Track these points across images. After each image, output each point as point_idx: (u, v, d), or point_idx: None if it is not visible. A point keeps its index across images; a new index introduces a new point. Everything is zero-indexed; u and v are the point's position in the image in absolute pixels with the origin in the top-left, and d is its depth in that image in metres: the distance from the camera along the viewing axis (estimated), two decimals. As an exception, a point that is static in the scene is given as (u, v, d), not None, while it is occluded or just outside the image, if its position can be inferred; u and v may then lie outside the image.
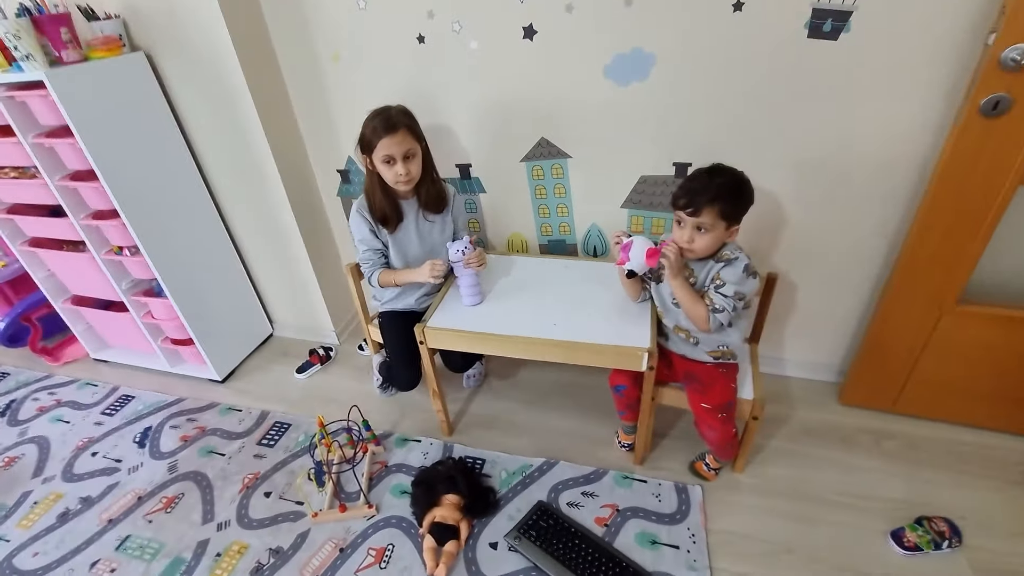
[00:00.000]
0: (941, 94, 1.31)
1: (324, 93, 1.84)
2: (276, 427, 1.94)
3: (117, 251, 1.90)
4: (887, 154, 1.42)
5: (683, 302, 1.34)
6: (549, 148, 1.71)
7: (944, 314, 1.50)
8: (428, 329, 1.53)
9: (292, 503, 1.64)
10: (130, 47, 1.74)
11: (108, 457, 1.88)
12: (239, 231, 2.14)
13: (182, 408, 2.07)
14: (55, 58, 1.58)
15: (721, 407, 1.40)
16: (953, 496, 1.50)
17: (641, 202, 1.72)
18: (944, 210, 1.36)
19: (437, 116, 1.74)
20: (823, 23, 1.29)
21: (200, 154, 1.95)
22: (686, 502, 1.54)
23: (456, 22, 1.56)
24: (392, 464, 1.74)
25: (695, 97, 1.49)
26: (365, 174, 1.59)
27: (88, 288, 2.11)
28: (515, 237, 1.97)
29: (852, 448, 1.67)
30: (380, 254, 1.67)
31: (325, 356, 2.23)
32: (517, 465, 1.69)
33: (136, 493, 1.73)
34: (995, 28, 1.13)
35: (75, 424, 2.05)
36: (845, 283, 1.69)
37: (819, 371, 1.91)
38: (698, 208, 1.23)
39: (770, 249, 1.69)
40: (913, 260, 1.46)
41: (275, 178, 1.90)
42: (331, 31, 1.70)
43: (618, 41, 1.46)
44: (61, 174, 1.75)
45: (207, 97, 1.79)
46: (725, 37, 1.37)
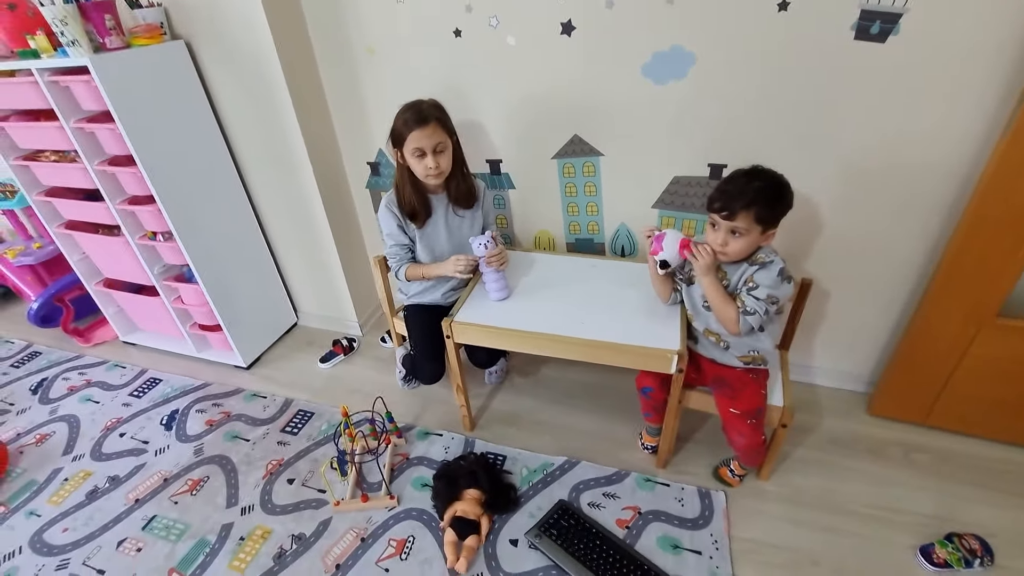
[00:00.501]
0: (991, 100, 1.27)
1: (358, 85, 1.85)
2: (300, 415, 1.96)
3: (151, 236, 1.93)
4: (931, 161, 1.39)
5: (713, 302, 1.32)
6: (582, 146, 1.70)
7: (983, 327, 1.46)
8: (455, 323, 1.53)
9: (315, 491, 1.65)
10: (171, 35, 1.76)
11: (135, 438, 1.92)
12: (269, 220, 2.16)
13: (208, 393, 2.11)
14: (99, 44, 1.61)
15: (751, 413, 1.38)
16: (985, 513, 1.46)
17: (673, 203, 1.70)
18: (989, 220, 1.32)
19: (470, 111, 1.74)
20: (871, 25, 1.26)
21: (234, 143, 1.97)
22: (709, 508, 1.52)
23: (493, 17, 1.56)
24: (413, 457, 1.74)
25: (734, 97, 1.47)
26: (396, 168, 1.59)
27: (121, 272, 2.15)
28: (542, 234, 1.96)
29: (881, 460, 1.64)
30: (407, 249, 1.68)
31: (348, 346, 2.25)
32: (538, 463, 1.69)
33: (162, 474, 1.76)
34: (1054, 33, 1.10)
35: (104, 404, 2.09)
36: (880, 292, 1.65)
37: (848, 380, 1.88)
38: (733, 212, 1.21)
39: (804, 254, 1.66)
40: (954, 271, 1.42)
41: (307, 169, 1.91)
42: (367, 24, 1.71)
43: (658, 39, 1.44)
44: (100, 159, 1.78)
45: (244, 87, 1.81)
46: (768, 37, 1.35)
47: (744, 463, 1.54)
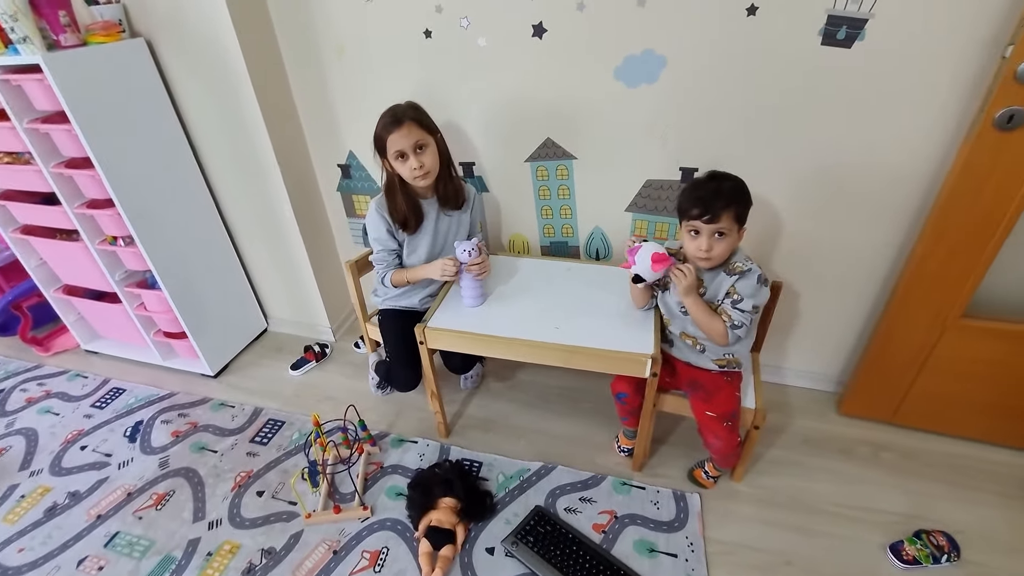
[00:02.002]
0: (954, 106, 1.29)
1: (327, 86, 1.81)
2: (269, 424, 1.91)
3: (111, 241, 1.86)
4: (897, 164, 1.41)
5: (699, 320, 1.32)
6: (555, 149, 1.69)
7: (948, 327, 1.49)
8: (429, 329, 1.51)
9: (285, 503, 1.61)
10: (130, 33, 1.70)
11: (98, 451, 1.85)
12: (236, 223, 2.11)
13: (174, 403, 2.04)
14: (53, 42, 1.54)
15: (727, 415, 1.39)
16: (952, 510, 1.50)
17: (646, 206, 1.70)
18: (953, 223, 1.34)
19: (442, 112, 1.70)
20: (837, 30, 1.28)
21: (198, 144, 1.91)
22: (684, 510, 1.52)
23: (464, 18, 1.53)
24: (388, 465, 1.71)
25: (704, 101, 1.47)
26: (385, 177, 1.56)
27: (80, 278, 2.07)
28: (516, 238, 1.94)
29: (851, 459, 1.66)
30: (394, 254, 1.65)
31: (320, 353, 2.21)
32: (515, 469, 1.67)
33: (126, 489, 1.70)
34: (1013, 40, 1.12)
35: (64, 416, 2.01)
36: (848, 293, 1.68)
37: (819, 380, 1.90)
38: (716, 214, 1.21)
39: (773, 257, 1.68)
40: (919, 273, 1.44)
41: (274, 171, 1.86)
42: (336, 23, 1.67)
43: (629, 42, 1.44)
44: (56, 161, 1.71)
45: (208, 86, 1.75)
46: (738, 41, 1.36)
47: (719, 465, 1.55)
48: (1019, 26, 1.11)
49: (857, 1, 1.24)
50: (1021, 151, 1.20)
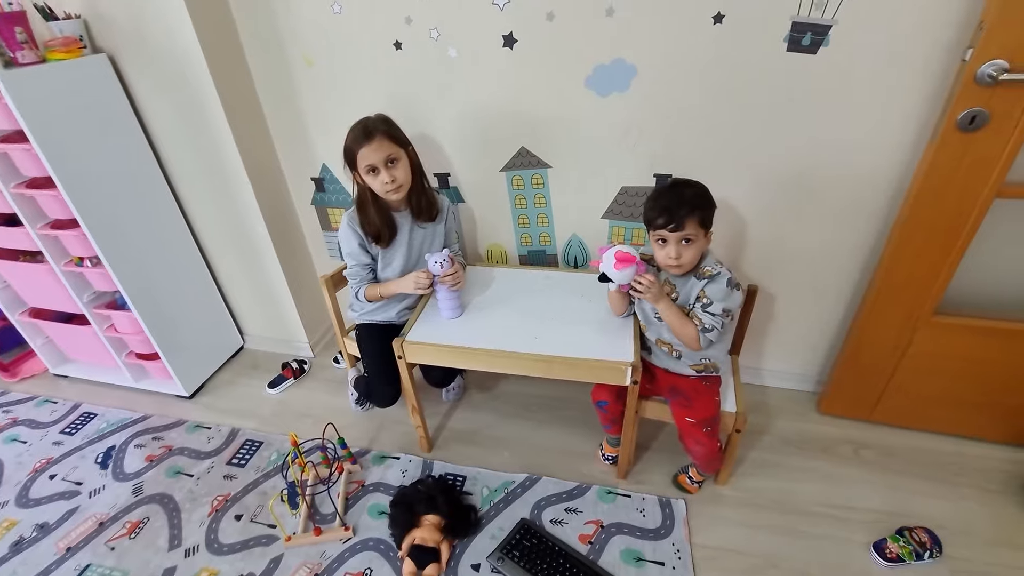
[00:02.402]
0: (918, 108, 1.32)
1: (297, 99, 1.79)
2: (247, 445, 1.86)
3: (77, 262, 1.81)
4: (865, 167, 1.43)
5: (671, 324, 1.33)
6: (529, 158, 1.68)
7: (921, 325, 1.51)
8: (407, 343, 1.48)
9: (264, 526, 1.57)
10: (92, 49, 1.66)
11: (68, 480, 1.78)
12: (208, 240, 2.06)
13: (148, 426, 1.98)
14: (10, 59, 1.51)
15: (706, 421, 1.38)
16: (932, 505, 1.51)
17: (622, 213, 1.71)
18: (922, 222, 1.37)
19: (415, 124, 1.69)
20: (802, 37, 1.29)
21: (166, 161, 1.87)
22: (670, 516, 1.52)
23: (434, 29, 1.52)
24: (369, 483, 1.68)
25: (675, 109, 1.48)
26: (356, 190, 1.54)
27: (47, 300, 2.00)
28: (494, 248, 1.93)
29: (832, 458, 1.67)
30: (368, 269, 1.63)
31: (299, 370, 2.16)
32: (499, 482, 1.65)
33: (97, 518, 1.64)
34: (972, 44, 1.14)
35: (32, 444, 1.94)
36: (824, 294, 1.69)
37: (798, 381, 1.92)
38: (680, 222, 1.22)
39: (749, 260, 1.69)
40: (891, 272, 1.46)
41: (245, 185, 1.83)
42: (304, 35, 1.65)
43: (599, 51, 1.44)
44: (16, 181, 1.66)
45: (174, 102, 1.72)
46: (705, 49, 1.37)
47: (703, 470, 1.55)
48: (977, 30, 1.13)
49: (820, 7, 1.25)
50: (984, 151, 1.22)
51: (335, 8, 1.57)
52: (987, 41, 1.10)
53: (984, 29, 1.10)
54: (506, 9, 1.44)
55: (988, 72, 1.12)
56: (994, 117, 1.17)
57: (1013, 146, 1.20)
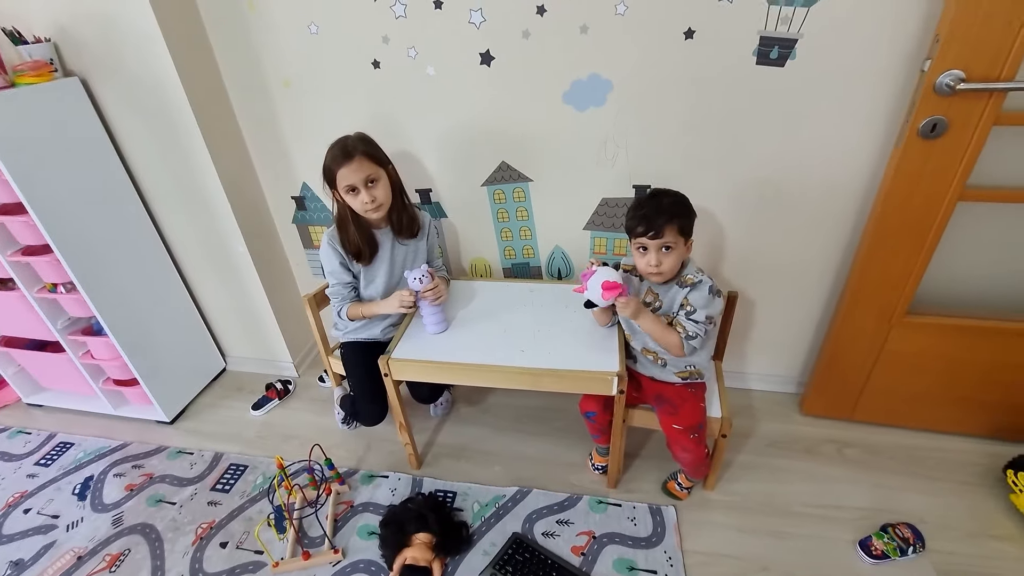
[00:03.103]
0: (883, 117, 1.37)
1: (275, 119, 1.78)
2: (231, 470, 1.82)
3: (51, 288, 1.77)
4: (835, 175, 1.48)
5: (654, 335, 1.36)
6: (510, 172, 1.70)
7: (895, 325, 1.56)
8: (393, 360, 1.48)
9: (251, 553, 1.54)
10: (63, 72, 1.64)
11: (43, 513, 1.73)
12: (187, 262, 2.03)
13: (127, 454, 1.93)
14: (-24, 85, 1.48)
15: (693, 428, 1.40)
16: (913, 500, 1.55)
17: (603, 224, 1.73)
18: (890, 226, 1.41)
19: (395, 141, 1.70)
20: (770, 50, 1.34)
21: (142, 183, 1.85)
22: (661, 524, 1.53)
23: (412, 48, 1.54)
24: (358, 503, 1.66)
25: (651, 121, 1.51)
26: (337, 208, 1.54)
27: (19, 328, 1.95)
28: (478, 262, 1.94)
29: (816, 458, 1.70)
30: (350, 287, 1.62)
31: (283, 390, 2.13)
32: (489, 496, 1.65)
33: (76, 552, 1.59)
34: (930, 55, 1.19)
35: (5, 478, 1.88)
36: (801, 297, 1.74)
37: (781, 383, 1.95)
38: (659, 230, 1.25)
39: (728, 267, 1.72)
40: (863, 275, 1.51)
41: (224, 206, 1.81)
42: (281, 56, 1.65)
43: (575, 67, 1.47)
44: (-16, 208, 1.62)
45: (149, 124, 1.70)
46: (678, 63, 1.40)
47: (691, 476, 1.56)
48: (934, 42, 1.19)
49: (786, 22, 1.30)
50: (945, 157, 1.28)
51: (312, 29, 1.57)
52: (943, 53, 1.15)
53: (940, 42, 1.15)
54: (482, 28, 1.46)
55: (946, 82, 1.18)
56: (953, 125, 1.23)
57: (972, 152, 1.25)
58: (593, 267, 1.34)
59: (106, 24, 1.54)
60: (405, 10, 1.48)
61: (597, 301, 1.33)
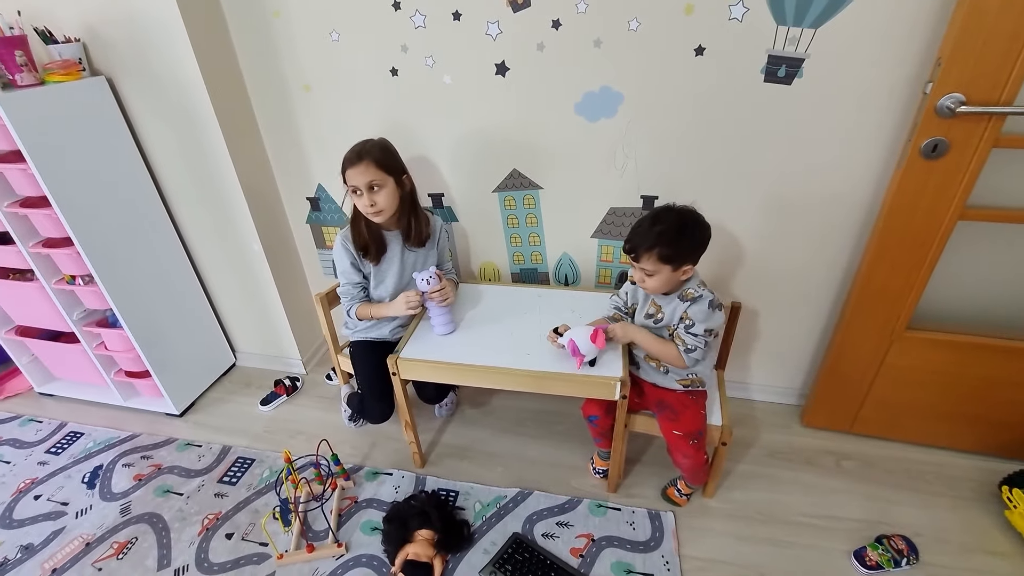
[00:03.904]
0: (886, 136, 1.40)
1: (294, 121, 1.83)
2: (239, 463, 1.86)
3: (69, 280, 1.81)
4: (839, 191, 1.51)
5: (651, 351, 1.43)
6: (521, 179, 1.74)
7: (895, 340, 1.59)
8: (401, 360, 1.51)
9: (256, 544, 1.57)
10: (90, 71, 1.69)
11: (53, 500, 1.76)
12: (202, 258, 2.08)
13: (136, 444, 1.97)
14: (8, 81, 1.53)
15: (693, 434, 1.43)
16: (909, 513, 1.57)
17: (611, 232, 1.77)
18: (891, 244, 1.44)
19: (410, 147, 1.74)
20: (778, 68, 1.38)
21: (162, 181, 1.90)
22: (659, 529, 1.55)
23: (429, 57, 1.59)
24: (362, 499, 1.69)
25: (660, 134, 1.55)
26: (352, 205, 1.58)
27: (35, 318, 2.00)
28: (487, 266, 1.98)
29: (815, 469, 1.73)
30: (360, 287, 1.66)
31: (291, 386, 2.17)
32: (491, 496, 1.67)
33: (84, 538, 1.62)
34: (932, 78, 1.23)
35: (16, 464, 1.92)
36: (804, 310, 1.76)
37: (782, 394, 1.98)
38: (638, 255, 1.30)
39: (732, 278, 1.76)
40: (865, 290, 1.54)
41: (241, 205, 1.86)
42: (303, 61, 1.70)
43: (588, 79, 1.51)
44: (10, 200, 1.67)
45: (171, 124, 1.75)
46: (688, 79, 1.44)
47: (690, 482, 1.59)
48: (936, 65, 1.22)
49: (794, 43, 1.34)
50: (946, 177, 1.31)
51: (333, 36, 1.62)
52: (944, 77, 1.19)
53: (941, 65, 1.19)
54: (499, 39, 1.51)
55: (947, 104, 1.21)
56: (954, 146, 1.26)
57: (972, 173, 1.29)
58: (561, 340, 1.41)
59: (134, 25, 1.59)
60: (425, 20, 1.53)
61: (597, 354, 1.41)
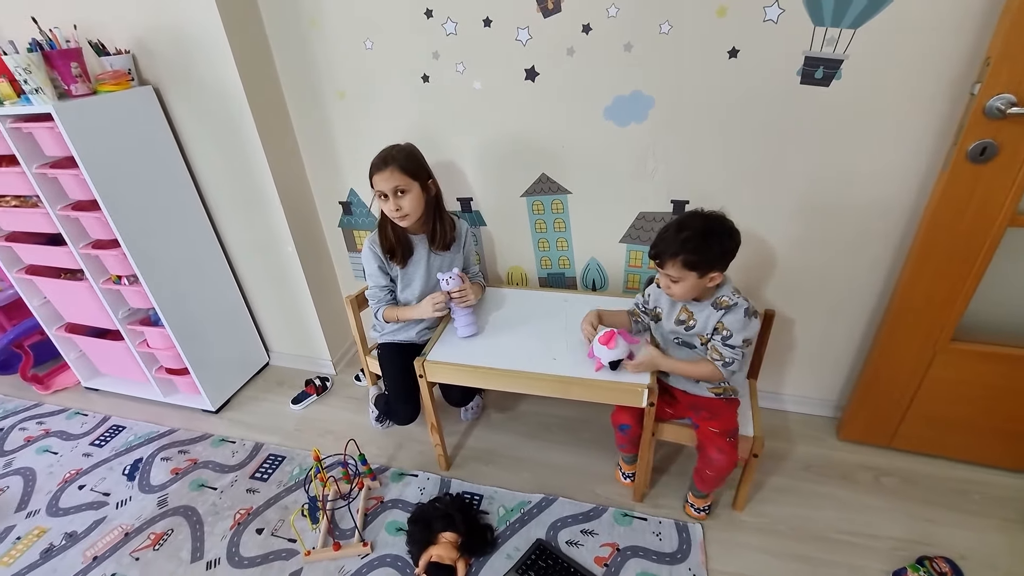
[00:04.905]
0: (929, 139, 1.35)
1: (328, 128, 1.88)
2: (270, 460, 1.90)
3: (115, 280, 1.89)
4: (878, 196, 1.46)
5: (687, 374, 1.39)
6: (549, 184, 1.74)
7: (939, 352, 1.52)
8: (428, 363, 1.52)
9: (284, 540, 1.60)
10: (138, 81, 1.77)
11: (96, 490, 1.84)
12: (239, 260, 2.15)
13: (174, 439, 2.04)
14: (64, 91, 1.61)
15: (730, 431, 1.40)
16: (953, 535, 1.49)
17: (639, 238, 1.75)
18: (935, 251, 1.38)
19: (440, 151, 1.77)
20: (815, 70, 1.34)
21: (203, 185, 1.97)
22: (687, 541, 1.51)
23: (460, 63, 1.61)
24: (388, 500, 1.71)
25: (692, 138, 1.53)
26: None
27: (83, 316, 2.09)
28: (515, 270, 1.98)
29: (852, 485, 1.66)
30: (387, 291, 1.69)
31: (321, 386, 2.21)
32: (515, 502, 1.67)
33: (123, 528, 1.68)
34: (979, 79, 1.18)
35: (63, 455, 2.01)
36: (841, 319, 1.70)
37: (817, 406, 1.91)
38: (663, 262, 1.27)
39: (767, 286, 1.71)
40: (907, 299, 1.48)
41: (277, 209, 1.91)
42: (338, 69, 1.75)
43: (618, 84, 1.50)
44: (63, 203, 1.76)
45: (214, 131, 1.82)
46: (721, 82, 1.42)
47: (700, 488, 1.52)
48: (984, 65, 1.17)
49: (832, 43, 1.30)
50: (995, 181, 1.25)
51: (367, 44, 1.66)
52: (994, 76, 1.14)
53: (990, 65, 1.14)
54: (528, 45, 1.52)
55: (996, 105, 1.16)
56: (1004, 149, 1.20)
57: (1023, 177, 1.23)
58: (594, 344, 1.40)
59: (180, 37, 1.66)
60: (456, 28, 1.55)
61: (613, 355, 1.37)
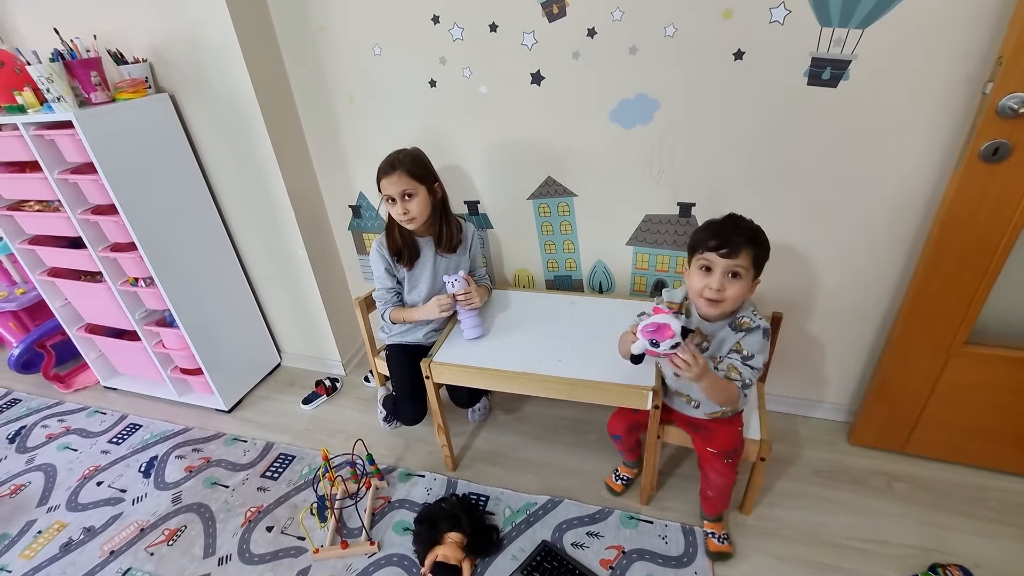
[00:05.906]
0: (941, 140, 1.33)
1: (338, 132, 1.91)
2: (280, 459, 1.93)
3: (133, 282, 1.94)
4: (889, 197, 1.44)
5: (715, 397, 1.22)
6: (555, 187, 1.74)
7: (952, 355, 1.49)
8: (434, 364, 1.54)
9: (294, 538, 1.63)
10: (155, 89, 1.82)
11: (113, 487, 1.89)
12: (251, 263, 2.19)
13: (188, 438, 2.08)
14: (84, 99, 1.66)
15: (727, 452, 1.38)
16: (967, 542, 1.46)
17: (646, 240, 1.74)
18: (948, 253, 1.36)
19: (447, 155, 1.79)
20: (822, 71, 1.33)
21: (217, 189, 2.01)
22: (693, 544, 1.51)
23: (466, 68, 1.62)
24: (395, 499, 1.72)
25: (698, 140, 1.52)
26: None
27: (103, 317, 2.15)
28: (521, 273, 1.99)
29: (864, 490, 1.64)
30: (394, 292, 1.71)
31: (331, 387, 2.24)
32: (521, 503, 1.67)
33: (139, 524, 1.73)
34: (992, 78, 1.16)
35: (82, 452, 2.06)
36: (852, 321, 1.68)
37: (829, 410, 1.89)
38: (735, 249, 1.12)
39: (777, 287, 1.69)
40: (919, 301, 1.45)
41: (288, 213, 1.95)
42: (347, 75, 1.77)
43: (623, 86, 1.51)
44: (83, 208, 1.81)
45: (226, 136, 1.86)
46: (726, 84, 1.41)
47: (708, 513, 1.51)
48: (996, 64, 1.15)
49: (840, 44, 1.29)
50: (1009, 181, 1.23)
51: (376, 50, 1.69)
52: (1006, 75, 1.12)
53: (1003, 64, 1.12)
54: (534, 49, 1.53)
55: (1009, 105, 1.14)
56: (1017, 148, 1.18)
57: (1039, 177, 1.20)
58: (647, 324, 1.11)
59: (195, 46, 1.70)
60: (462, 33, 1.57)
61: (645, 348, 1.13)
